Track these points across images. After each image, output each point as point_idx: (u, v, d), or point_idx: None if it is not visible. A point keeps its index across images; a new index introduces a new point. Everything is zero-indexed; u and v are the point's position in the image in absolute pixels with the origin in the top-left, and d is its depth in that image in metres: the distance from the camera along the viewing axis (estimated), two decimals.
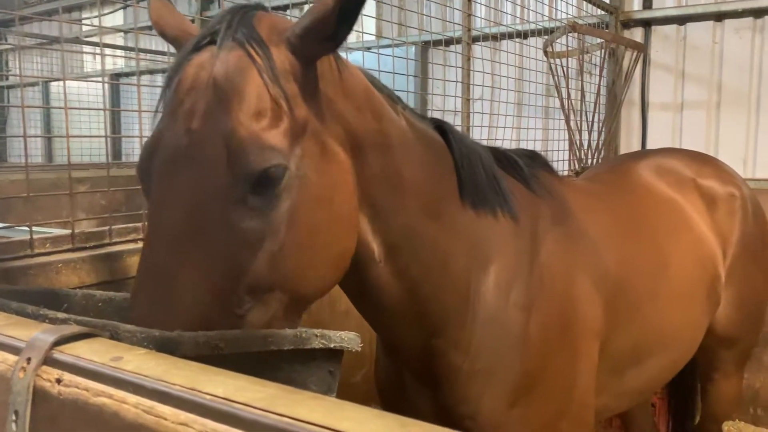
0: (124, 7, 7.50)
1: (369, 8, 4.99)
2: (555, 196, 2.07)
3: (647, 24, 5.23)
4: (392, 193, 1.48)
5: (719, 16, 4.92)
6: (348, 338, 1.24)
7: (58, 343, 0.89)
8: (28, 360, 0.87)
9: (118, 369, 0.81)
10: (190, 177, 1.12)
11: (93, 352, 0.87)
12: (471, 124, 3.73)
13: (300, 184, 1.20)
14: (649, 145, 5.23)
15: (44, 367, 0.86)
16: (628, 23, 5.26)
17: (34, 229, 1.84)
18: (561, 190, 2.16)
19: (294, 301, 1.25)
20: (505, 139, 4.06)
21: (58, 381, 0.84)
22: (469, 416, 1.73)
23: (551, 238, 1.92)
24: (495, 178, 1.80)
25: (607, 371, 2.12)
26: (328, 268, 1.30)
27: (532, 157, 2.19)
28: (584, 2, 4.82)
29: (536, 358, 1.78)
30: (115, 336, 0.97)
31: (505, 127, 4.09)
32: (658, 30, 5.22)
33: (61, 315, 1.06)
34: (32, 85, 8.81)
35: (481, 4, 4.85)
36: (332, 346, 1.21)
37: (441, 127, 1.75)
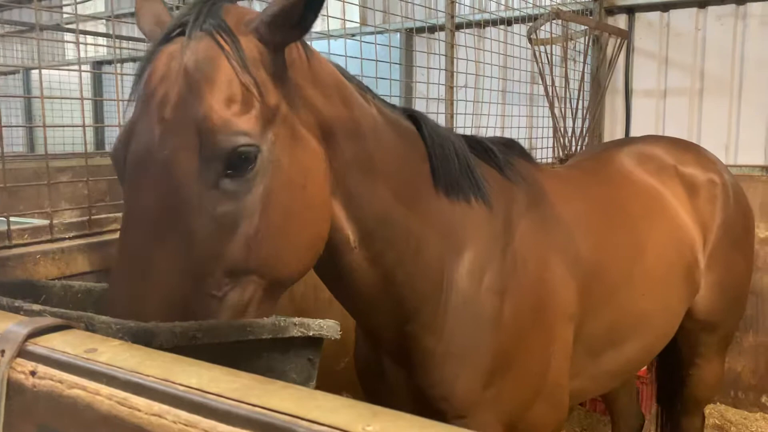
0: None
1: None
2: (530, 183, 2.11)
3: (631, 11, 5.24)
4: (366, 179, 1.52)
5: (702, 3, 4.94)
6: (327, 326, 1.25)
7: (32, 335, 0.89)
8: (2, 352, 0.87)
9: (92, 361, 0.81)
10: (165, 164, 1.14)
11: (67, 343, 0.87)
12: (455, 112, 3.73)
13: (273, 168, 1.22)
14: (633, 132, 5.26)
15: (18, 360, 0.86)
16: (612, 10, 5.26)
17: (13, 219, 1.83)
18: (536, 176, 2.20)
19: (271, 284, 1.27)
20: (490, 127, 4.06)
21: (33, 373, 0.84)
22: (444, 398, 1.78)
23: (525, 224, 1.97)
24: (468, 166, 1.83)
25: (583, 354, 2.17)
26: (302, 252, 1.33)
27: (508, 145, 2.23)
28: None
29: (509, 340, 1.83)
30: (90, 327, 0.97)
31: (489, 115, 4.09)
32: (641, 17, 5.23)
33: (36, 307, 1.06)
34: (13, 73, 8.69)
35: None
36: (311, 334, 1.22)
37: (413, 115, 1.78)
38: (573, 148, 4.58)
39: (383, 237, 1.57)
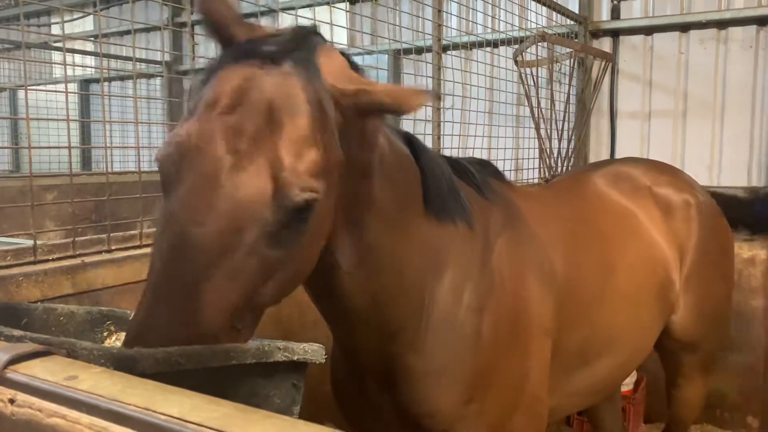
0: (93, 14, 7.40)
1: (341, 19, 5.00)
2: (505, 202, 2.17)
3: (615, 34, 5.33)
4: (365, 211, 1.55)
5: (684, 27, 5.03)
6: (312, 350, 1.25)
7: (12, 362, 0.87)
8: None
9: (72, 388, 0.80)
10: (232, 198, 1.13)
11: (47, 371, 0.86)
12: (442, 133, 3.75)
13: (315, 216, 1.25)
14: (618, 153, 5.32)
15: None
16: (597, 33, 5.35)
17: None
18: (511, 196, 2.26)
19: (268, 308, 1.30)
20: (477, 148, 4.09)
21: (12, 401, 0.83)
22: (428, 414, 1.81)
23: (502, 243, 2.02)
24: (455, 189, 1.87)
25: (558, 371, 2.22)
26: (301, 281, 1.41)
27: (483, 164, 2.29)
28: (554, 12, 4.88)
29: (489, 355, 1.87)
30: (71, 353, 0.96)
31: (476, 136, 4.11)
32: (625, 40, 5.32)
33: (16, 332, 1.04)
34: None
35: (452, 14, 4.88)
36: (296, 358, 1.21)
37: (408, 138, 1.81)
38: (559, 169, 4.62)
39: (374, 261, 1.60)
